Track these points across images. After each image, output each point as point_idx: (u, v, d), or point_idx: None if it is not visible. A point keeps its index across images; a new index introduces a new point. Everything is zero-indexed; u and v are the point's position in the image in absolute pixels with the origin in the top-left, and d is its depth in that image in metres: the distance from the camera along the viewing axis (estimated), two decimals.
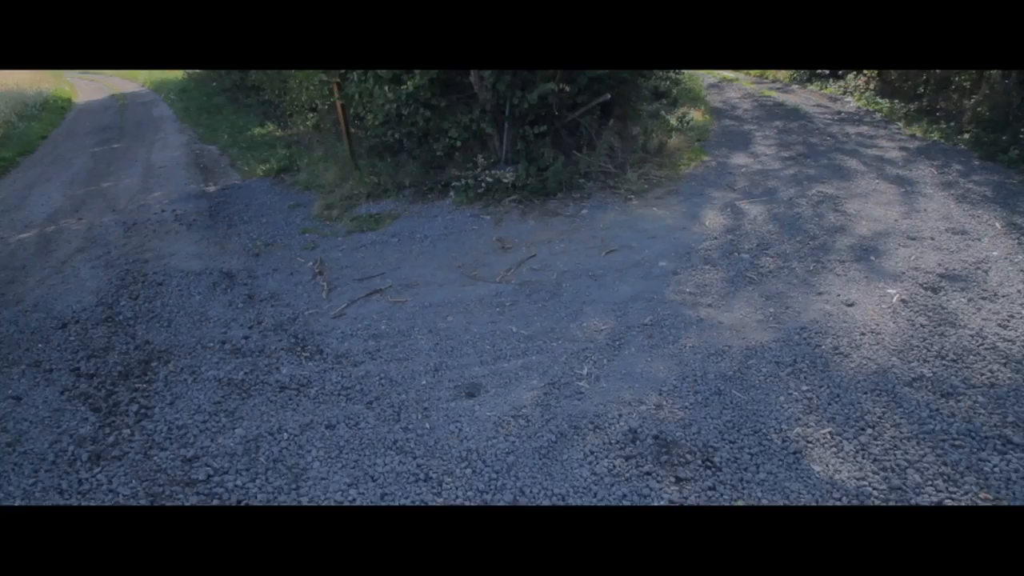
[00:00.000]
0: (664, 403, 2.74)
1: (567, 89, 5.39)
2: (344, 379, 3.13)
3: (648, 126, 6.79)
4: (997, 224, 4.48)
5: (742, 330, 3.31)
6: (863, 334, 3.16)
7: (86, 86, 23.40)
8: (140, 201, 6.93)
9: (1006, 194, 5.11)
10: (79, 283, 4.71)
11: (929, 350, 2.96)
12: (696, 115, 8.76)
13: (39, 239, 5.95)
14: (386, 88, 5.14)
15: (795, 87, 12.43)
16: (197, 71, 17.60)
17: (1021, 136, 6.70)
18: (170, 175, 8.04)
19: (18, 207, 7.27)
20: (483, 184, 5.44)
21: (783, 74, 13.70)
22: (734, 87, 12.63)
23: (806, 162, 6.51)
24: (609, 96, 5.80)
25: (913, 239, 4.33)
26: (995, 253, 4.01)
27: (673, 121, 7.74)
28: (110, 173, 8.54)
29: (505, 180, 5.36)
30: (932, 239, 4.31)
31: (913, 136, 7.63)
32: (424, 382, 3.06)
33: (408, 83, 4.97)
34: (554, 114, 5.70)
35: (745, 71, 15.80)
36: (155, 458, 2.63)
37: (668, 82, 9.59)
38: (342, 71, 5.82)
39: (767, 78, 14.01)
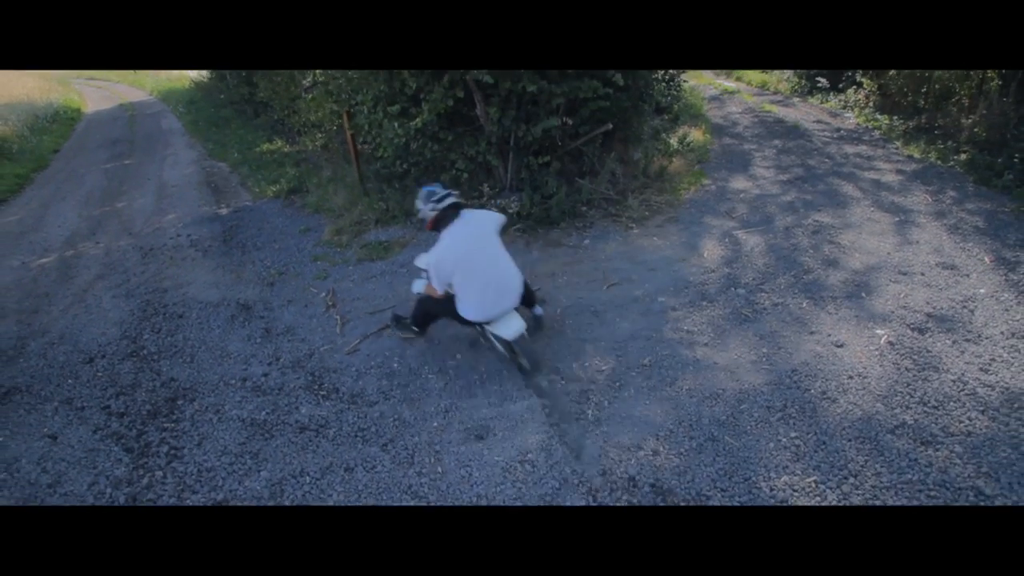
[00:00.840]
0: (661, 449, 2.92)
1: (570, 122, 5.56)
2: (360, 419, 3.32)
3: (649, 151, 6.95)
4: (986, 259, 4.63)
5: (736, 371, 3.48)
6: (851, 377, 3.33)
7: (94, 94, 23.66)
8: (155, 224, 7.13)
9: (997, 225, 5.26)
10: (102, 314, 4.92)
11: (912, 396, 3.13)
12: (697, 134, 8.92)
13: (59, 264, 6.16)
14: (395, 124, 5.32)
15: (796, 100, 12.56)
16: (204, 80, 17.84)
17: (1015, 160, 6.84)
18: (183, 195, 8.25)
19: (36, 228, 7.49)
20: None
21: (784, 86, 13.82)
22: (735, 100, 12.77)
23: (804, 187, 6.67)
24: (611, 126, 5.98)
25: (904, 274, 4.50)
26: (982, 290, 4.17)
27: (674, 143, 7.91)
28: (123, 192, 8.76)
29: (510, 211, 5.54)
30: (922, 274, 4.47)
31: (910, 157, 7.77)
32: (436, 424, 3.25)
33: (417, 119, 5.15)
34: (557, 144, 5.88)
35: (747, 82, 15.93)
36: (188, 501, 2.82)
37: (669, 98, 9.75)
38: (353, 103, 6.00)
39: (768, 90, 14.14)
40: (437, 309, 3.62)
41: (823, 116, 10.78)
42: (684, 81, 10.79)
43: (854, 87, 11.76)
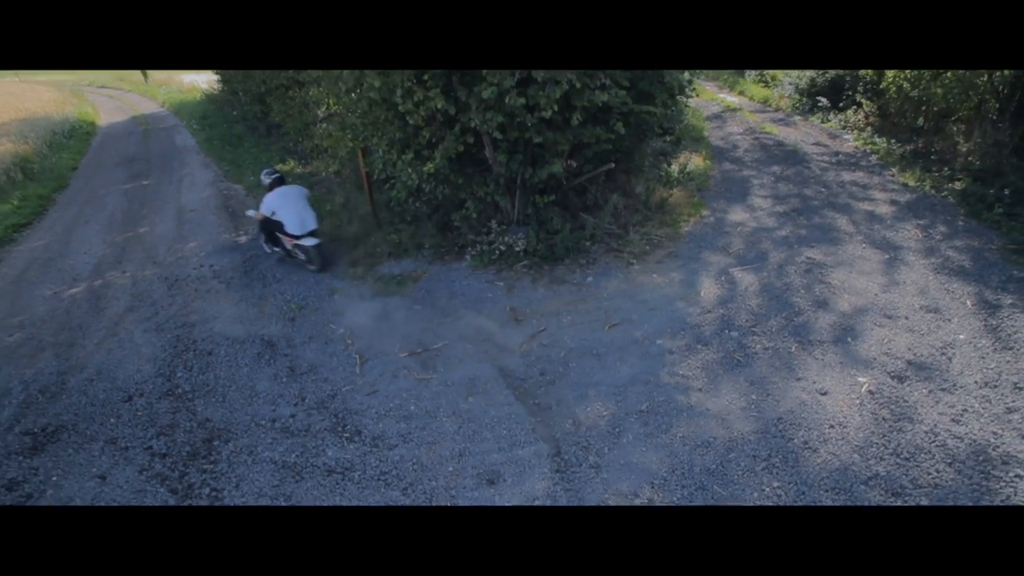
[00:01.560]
0: (655, 497, 3.22)
1: (574, 164, 5.86)
2: (382, 463, 3.64)
3: (651, 184, 7.24)
4: (968, 302, 4.90)
5: (727, 419, 3.78)
6: (832, 427, 3.62)
7: (106, 104, 24.09)
8: (178, 252, 7.48)
9: (982, 264, 5.52)
10: (135, 349, 5.26)
11: (886, 447, 3.42)
12: (697, 160, 9.20)
13: (89, 294, 6.51)
14: (409, 168, 5.63)
15: (797, 118, 12.77)
16: (215, 92, 18.21)
17: (1006, 192, 7.07)
18: (202, 221, 8.60)
19: (63, 254, 7.85)
20: (497, 251, 5.93)
21: (786, 102, 14.05)
22: (736, 119, 13.00)
23: (799, 220, 6.94)
24: (613, 165, 6.27)
25: (889, 317, 4.77)
26: (961, 336, 4.45)
27: (674, 171, 8.19)
28: (144, 216, 9.12)
29: (517, 248, 5.85)
30: (906, 318, 4.75)
31: (905, 186, 8.01)
32: (451, 468, 3.56)
33: (429, 164, 5.46)
34: (562, 182, 6.18)
35: (749, 97, 16.15)
36: None
37: (671, 121, 9.99)
38: (367, 142, 6.32)
39: (770, 106, 14.36)
40: (271, 226, 6.39)
41: (822, 137, 11.00)
42: (686, 102, 10.98)
43: (854, 107, 12.00)
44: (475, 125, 4.97)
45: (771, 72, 16.27)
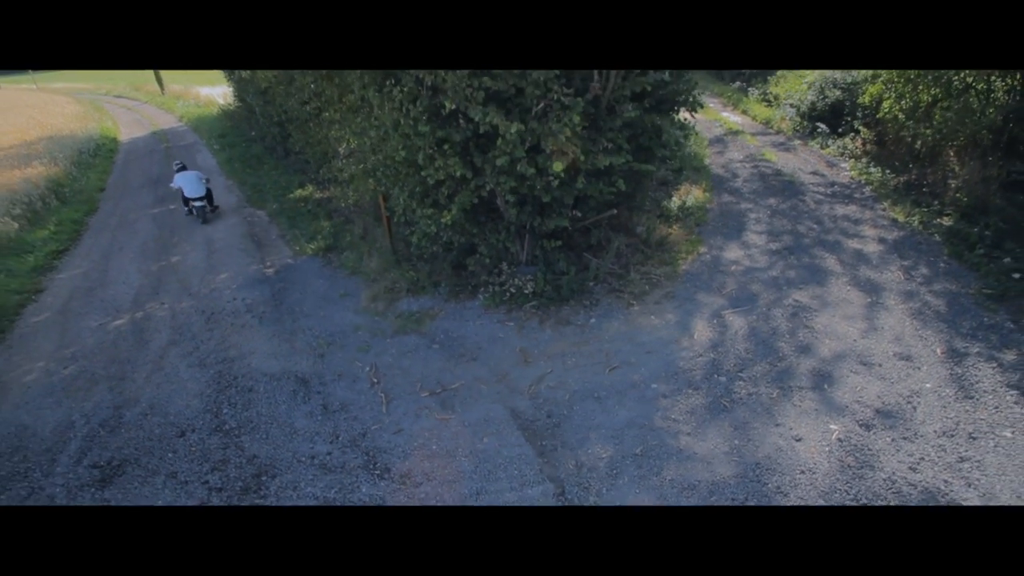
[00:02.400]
0: None
1: (579, 214, 6.38)
2: (409, 500, 4.18)
3: (651, 225, 7.74)
4: (938, 350, 5.37)
5: (711, 462, 4.29)
6: (802, 472, 4.12)
7: (125, 117, 24.81)
8: (210, 284, 8.07)
9: (957, 310, 5.98)
10: (181, 384, 5.83)
11: (848, 493, 3.92)
12: (697, 193, 9.68)
13: (132, 327, 7.10)
14: (428, 219, 6.17)
15: (797, 143, 13.17)
16: (231, 108, 18.84)
17: (988, 233, 7.47)
18: (230, 250, 9.18)
19: (103, 283, 8.45)
20: (508, 293, 6.47)
21: (787, 124, 14.45)
22: (737, 143, 13.43)
23: (789, 259, 7.41)
24: (615, 211, 6.79)
25: (864, 364, 5.26)
26: (928, 385, 4.93)
27: (674, 207, 8.68)
28: (175, 244, 9.72)
29: (526, 291, 6.38)
30: (880, 365, 5.23)
31: (895, 222, 8.44)
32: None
33: (447, 215, 6.00)
34: (568, 228, 6.70)
35: (752, 117, 16.56)
36: None
37: (672, 150, 10.45)
38: (389, 190, 6.86)
39: (772, 128, 14.77)
40: (181, 194, 10.48)
41: (820, 166, 11.42)
42: (692, 129, 11.20)
43: (852, 135, 12.40)
44: (490, 188, 5.50)
45: (774, 91, 16.69)
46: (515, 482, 4.26)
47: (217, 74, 25.50)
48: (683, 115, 6.99)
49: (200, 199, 10.36)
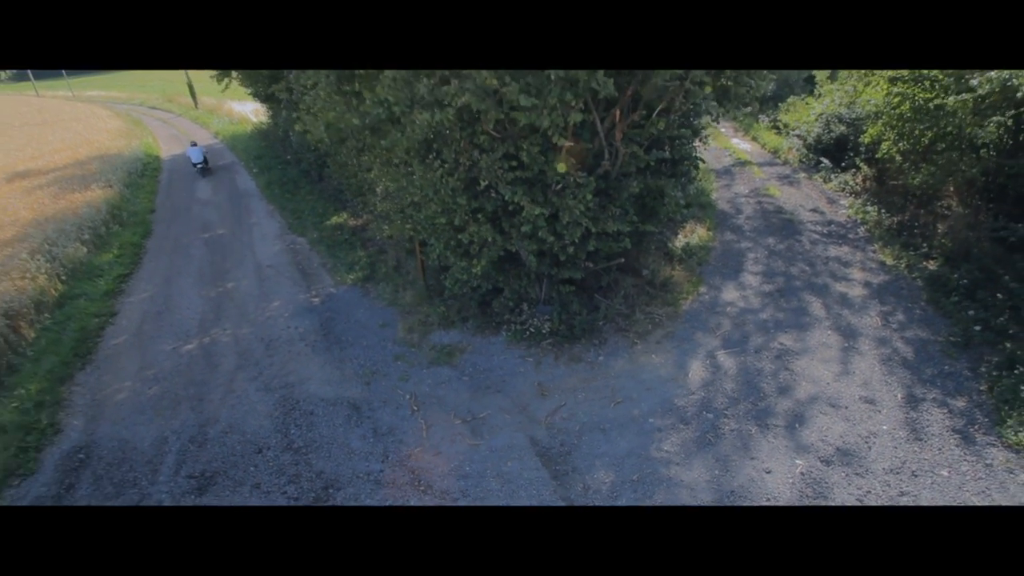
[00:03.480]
0: None
1: (591, 265, 7.35)
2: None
3: (656, 268, 8.67)
4: (899, 395, 6.24)
5: (694, 489, 5.23)
6: (767, 500, 5.04)
7: (162, 131, 26.21)
8: (264, 311, 9.18)
9: (923, 358, 6.82)
10: (252, 406, 6.92)
11: None
12: (701, 231, 10.56)
13: (201, 351, 8.23)
14: (461, 269, 7.20)
15: (801, 175, 13.89)
16: (263, 127, 20.04)
17: (964, 282, 8.14)
18: (279, 278, 10.30)
19: (168, 308, 9.60)
20: (528, 331, 7.46)
21: (794, 155, 15.19)
22: (745, 175, 14.23)
23: (780, 302, 8.29)
24: (623, 260, 7.74)
25: (832, 406, 6.15)
26: (885, 427, 5.80)
27: (679, 248, 9.60)
28: (227, 271, 10.87)
29: (544, 330, 7.36)
30: (846, 407, 6.11)
31: (882, 265, 9.22)
32: None
33: (476, 266, 7.01)
34: (581, 276, 7.67)
35: (761, 144, 17.30)
36: None
37: (683, 186, 11.31)
38: (427, 239, 7.89)
39: (779, 159, 15.50)
40: (192, 161, 17.89)
41: (821, 202, 12.18)
42: (701, 161, 11.31)
43: (853, 171, 13.12)
44: (515, 250, 6.50)
45: (783, 119, 17.43)
46: (534, 501, 5.25)
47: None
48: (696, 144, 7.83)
49: (200, 164, 17.48)
